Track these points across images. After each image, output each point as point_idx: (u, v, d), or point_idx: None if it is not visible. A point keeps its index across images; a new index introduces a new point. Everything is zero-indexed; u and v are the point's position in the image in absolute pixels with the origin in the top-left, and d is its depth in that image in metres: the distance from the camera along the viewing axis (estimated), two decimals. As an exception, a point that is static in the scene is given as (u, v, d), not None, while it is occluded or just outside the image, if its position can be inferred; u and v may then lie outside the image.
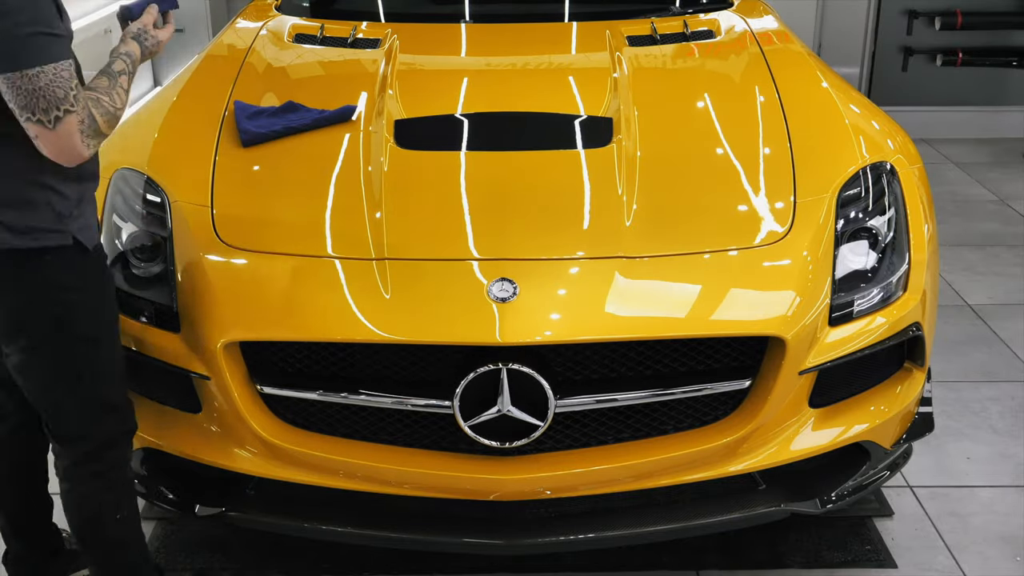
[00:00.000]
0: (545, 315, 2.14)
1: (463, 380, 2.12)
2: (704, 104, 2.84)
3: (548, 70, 3.12)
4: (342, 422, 2.27)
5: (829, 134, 2.66)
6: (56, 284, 2.01)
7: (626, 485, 2.26)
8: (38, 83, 1.84)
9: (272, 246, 2.31)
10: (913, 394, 2.44)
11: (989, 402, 3.34)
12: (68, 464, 2.16)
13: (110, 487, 2.19)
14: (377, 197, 2.39)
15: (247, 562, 2.65)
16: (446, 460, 2.22)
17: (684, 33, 3.23)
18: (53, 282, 2.01)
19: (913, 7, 5.96)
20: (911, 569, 2.61)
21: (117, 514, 2.21)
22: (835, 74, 3.05)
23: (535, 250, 2.26)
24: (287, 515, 2.33)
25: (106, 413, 2.15)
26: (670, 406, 2.25)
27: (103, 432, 2.15)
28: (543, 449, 2.22)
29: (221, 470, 2.32)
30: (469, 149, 2.61)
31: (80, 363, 2.08)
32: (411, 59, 3.06)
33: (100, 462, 2.16)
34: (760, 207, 2.40)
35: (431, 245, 2.29)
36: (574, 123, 2.69)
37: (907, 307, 2.35)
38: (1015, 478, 2.96)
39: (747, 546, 2.66)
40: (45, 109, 1.85)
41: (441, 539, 2.28)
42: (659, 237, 2.30)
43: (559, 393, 2.15)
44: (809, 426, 2.32)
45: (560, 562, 2.59)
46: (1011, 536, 2.73)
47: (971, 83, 6.06)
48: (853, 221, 2.39)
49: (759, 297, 2.23)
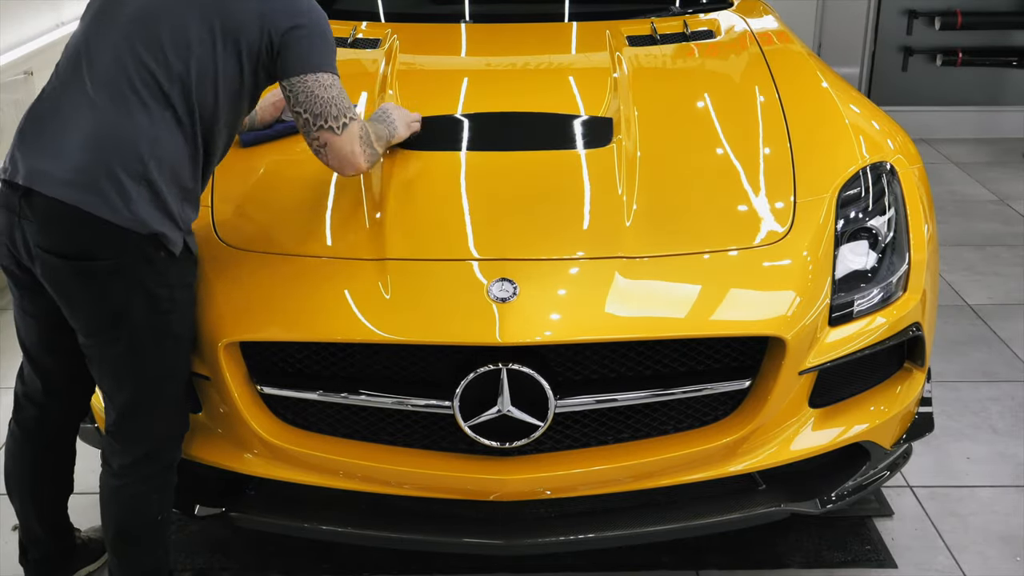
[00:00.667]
0: (545, 315, 2.14)
1: (463, 380, 2.12)
2: (704, 104, 2.84)
3: (548, 70, 3.12)
4: (342, 422, 2.27)
5: (829, 134, 2.66)
6: (164, 279, 2.03)
7: (626, 485, 2.26)
8: (333, 91, 1.97)
9: (272, 246, 2.31)
10: (913, 394, 2.44)
11: (989, 402, 3.34)
12: (125, 462, 2.15)
13: (160, 487, 2.20)
14: (377, 197, 2.38)
15: (247, 562, 2.65)
16: (446, 460, 2.22)
17: (684, 33, 3.23)
18: (162, 276, 2.03)
19: (913, 7, 5.96)
20: (911, 569, 2.61)
21: (159, 515, 2.21)
22: (835, 74, 3.05)
23: (535, 250, 2.26)
24: (287, 515, 2.33)
25: (174, 414, 2.17)
26: (670, 406, 2.25)
27: (166, 432, 2.17)
28: (543, 449, 2.22)
29: (221, 470, 2.32)
30: (469, 149, 2.61)
31: (167, 362, 2.10)
32: (411, 59, 3.06)
33: (157, 462, 2.17)
34: (760, 207, 2.40)
35: (431, 245, 2.29)
36: (574, 123, 2.69)
37: (907, 307, 2.35)
38: (1015, 478, 2.96)
39: (747, 546, 2.66)
40: (336, 116, 1.96)
41: (441, 539, 2.28)
42: (659, 237, 2.30)
43: (559, 393, 2.15)
44: (809, 426, 2.32)
45: (560, 562, 2.59)
46: (1011, 536, 2.73)
47: (971, 83, 6.06)
48: (853, 221, 2.39)
49: (759, 297, 2.23)
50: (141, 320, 2.03)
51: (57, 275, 2.01)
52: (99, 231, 1.95)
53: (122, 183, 1.95)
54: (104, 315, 2.03)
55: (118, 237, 1.96)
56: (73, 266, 1.98)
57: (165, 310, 2.05)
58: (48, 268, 2.00)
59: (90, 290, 2.00)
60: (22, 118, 2.07)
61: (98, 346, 2.07)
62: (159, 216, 1.99)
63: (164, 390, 2.13)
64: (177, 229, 2.03)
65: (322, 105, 2.02)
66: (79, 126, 1.97)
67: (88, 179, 1.94)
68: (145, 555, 2.24)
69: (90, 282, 1.99)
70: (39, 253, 1.99)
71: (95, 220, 1.94)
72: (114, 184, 1.94)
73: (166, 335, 2.07)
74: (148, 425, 2.14)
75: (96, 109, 1.98)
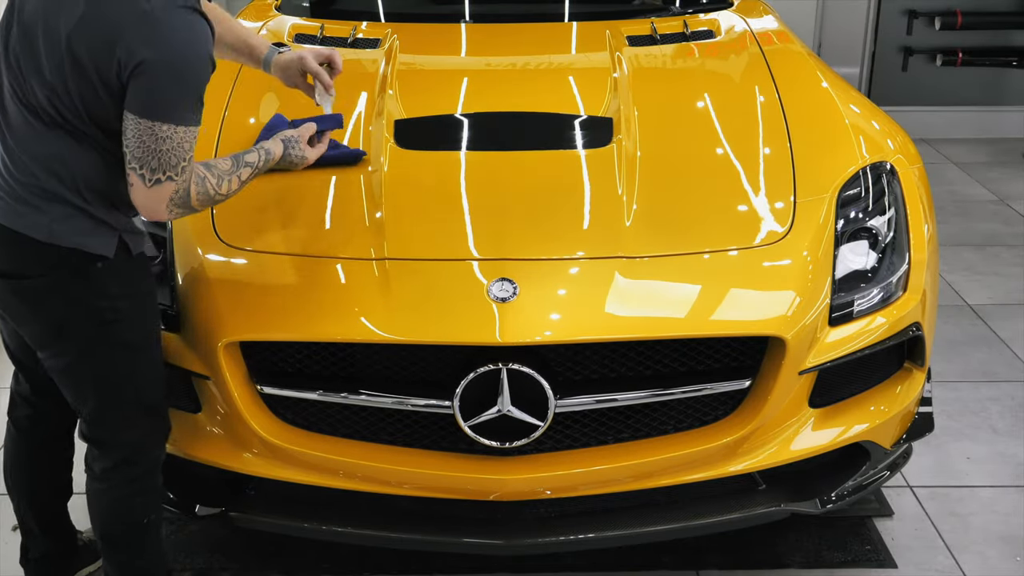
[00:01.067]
0: (545, 315, 2.14)
1: (463, 380, 2.12)
2: (704, 104, 2.84)
3: (548, 70, 3.12)
4: (342, 422, 2.27)
5: (829, 134, 2.66)
6: (103, 290, 2.01)
7: (626, 485, 2.26)
8: (163, 145, 1.85)
9: (272, 246, 2.31)
10: (913, 394, 2.45)
11: (989, 402, 3.34)
12: (106, 466, 2.15)
13: (144, 490, 2.19)
14: (377, 197, 2.38)
15: (247, 562, 2.65)
16: (446, 460, 2.22)
17: (684, 33, 3.23)
18: (100, 288, 2.01)
19: (913, 7, 5.96)
20: (911, 569, 2.61)
21: (145, 518, 2.20)
22: (835, 74, 3.05)
23: (535, 250, 2.26)
24: (287, 515, 2.33)
25: (145, 418, 2.15)
26: (670, 406, 2.25)
27: (141, 436, 2.16)
28: (543, 449, 2.22)
29: (221, 470, 2.32)
30: (469, 149, 2.61)
31: (122, 369, 2.08)
32: (411, 59, 3.06)
33: (137, 466, 2.17)
34: (760, 207, 2.40)
35: (431, 245, 2.29)
36: (574, 123, 2.69)
37: (907, 307, 2.35)
38: (1015, 478, 2.96)
39: (747, 546, 2.66)
40: (154, 168, 1.87)
41: (441, 539, 2.28)
42: (659, 237, 2.30)
43: (559, 393, 2.14)
44: (809, 426, 2.32)
45: (560, 562, 2.59)
46: (1011, 536, 2.73)
47: (971, 83, 6.07)
48: (853, 221, 2.39)
49: (759, 297, 2.23)
50: (84, 333, 2.03)
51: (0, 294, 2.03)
52: (23, 249, 1.96)
53: (38, 194, 1.94)
54: (47, 330, 2.04)
55: (42, 253, 1.96)
56: (11, 284, 2.00)
57: (109, 320, 2.03)
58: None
59: (29, 307, 2.02)
60: None
61: (50, 359, 2.09)
62: (83, 224, 1.96)
63: (125, 396, 2.11)
64: (109, 234, 1.99)
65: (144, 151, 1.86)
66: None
67: (4, 195, 1.96)
68: (135, 558, 2.23)
69: (28, 299, 2.01)
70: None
71: (16, 238, 1.95)
72: (30, 196, 1.95)
73: (115, 345, 2.05)
74: (116, 431, 2.13)
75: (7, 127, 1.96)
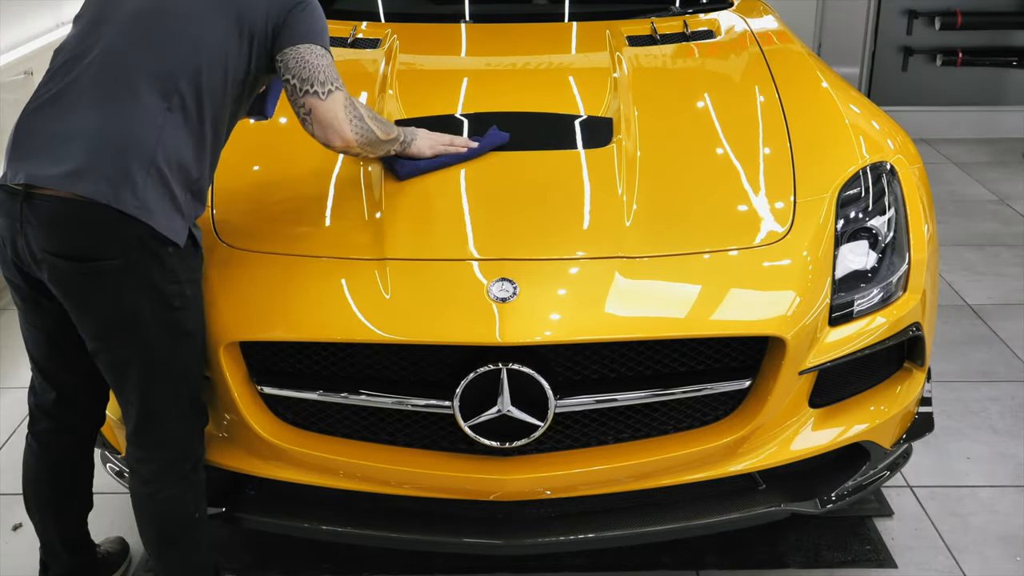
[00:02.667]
0: (545, 315, 2.14)
1: (463, 380, 2.12)
2: (704, 104, 2.84)
3: (548, 70, 3.12)
4: (342, 422, 2.27)
5: (829, 134, 2.66)
6: (174, 276, 2.01)
7: (626, 485, 2.26)
8: (324, 61, 2.10)
9: (272, 246, 2.31)
10: (913, 394, 2.45)
11: (989, 402, 3.34)
12: (155, 469, 2.13)
13: (193, 485, 2.17)
14: (377, 197, 2.39)
15: (247, 562, 2.65)
16: (446, 460, 2.22)
17: (684, 33, 3.23)
18: (172, 273, 2.00)
19: (913, 7, 5.96)
20: (911, 569, 2.61)
21: (196, 512, 2.19)
22: (835, 74, 3.05)
23: (535, 250, 2.26)
24: (287, 515, 2.33)
25: (193, 411, 2.15)
26: (670, 406, 2.25)
27: (190, 431, 2.15)
28: (543, 449, 2.22)
29: (221, 470, 2.32)
30: (469, 149, 2.61)
31: (181, 360, 2.07)
32: (411, 59, 3.06)
33: (186, 462, 2.15)
34: (760, 207, 2.40)
35: (431, 245, 2.29)
36: (574, 123, 2.69)
37: (907, 307, 2.35)
38: (1015, 478, 2.96)
39: (747, 546, 2.66)
40: (323, 82, 2.07)
41: (441, 539, 2.28)
42: (659, 237, 2.30)
43: (559, 393, 2.14)
44: (809, 426, 2.32)
45: (560, 562, 2.59)
46: (1011, 536, 2.73)
47: (971, 83, 6.06)
48: (853, 221, 2.39)
49: (759, 297, 2.23)
50: (154, 319, 2.00)
51: (65, 279, 1.96)
52: (104, 228, 1.92)
53: (129, 170, 1.92)
54: (116, 317, 1.99)
55: (124, 233, 1.92)
56: (81, 268, 1.94)
57: (178, 307, 2.02)
58: (55, 272, 1.96)
59: (100, 292, 1.96)
60: (15, 125, 2.03)
61: (111, 350, 2.03)
62: (166, 206, 1.96)
63: (181, 389, 2.09)
64: (183, 220, 2.01)
65: (310, 70, 2.09)
66: (81, 126, 1.95)
67: (93, 170, 1.91)
68: (191, 552, 2.21)
69: (99, 284, 1.95)
70: (45, 257, 1.95)
71: (100, 216, 1.90)
72: (120, 172, 1.91)
73: (180, 333, 2.04)
74: (170, 426, 2.11)
75: (98, 107, 1.96)
